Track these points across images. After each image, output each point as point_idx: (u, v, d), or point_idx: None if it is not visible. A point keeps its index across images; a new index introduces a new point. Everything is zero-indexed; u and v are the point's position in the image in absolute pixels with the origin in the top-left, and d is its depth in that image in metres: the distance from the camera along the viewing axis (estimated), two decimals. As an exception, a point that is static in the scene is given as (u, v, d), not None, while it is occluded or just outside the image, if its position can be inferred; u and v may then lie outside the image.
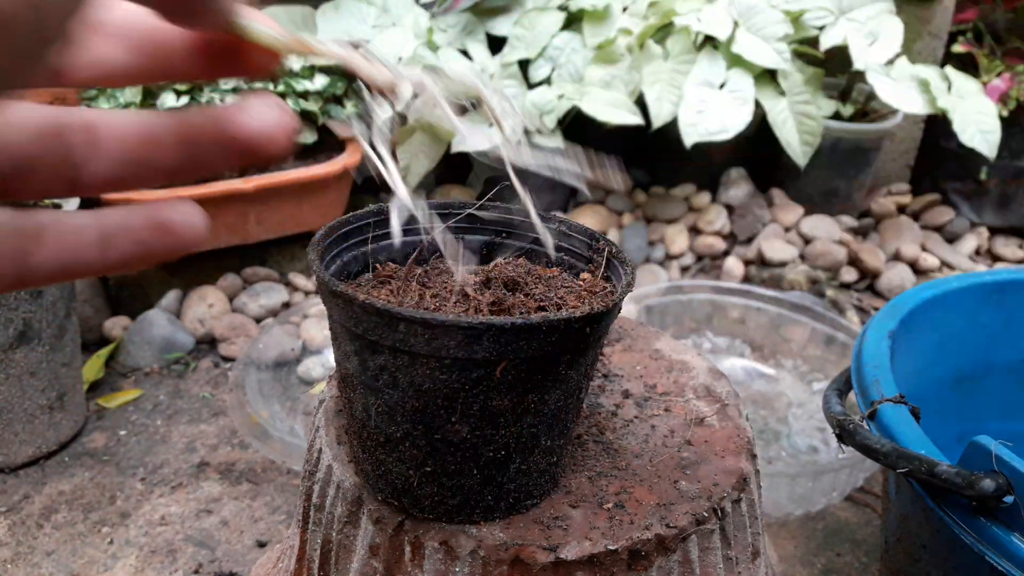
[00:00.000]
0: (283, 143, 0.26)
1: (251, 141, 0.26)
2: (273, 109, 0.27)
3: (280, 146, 0.26)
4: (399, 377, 0.43)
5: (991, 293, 0.91)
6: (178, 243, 0.26)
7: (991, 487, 0.55)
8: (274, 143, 0.26)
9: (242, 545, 1.09)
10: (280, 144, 0.26)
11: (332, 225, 0.49)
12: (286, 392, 1.37)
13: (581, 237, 0.53)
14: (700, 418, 0.59)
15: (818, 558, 1.09)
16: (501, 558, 0.46)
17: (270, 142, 0.26)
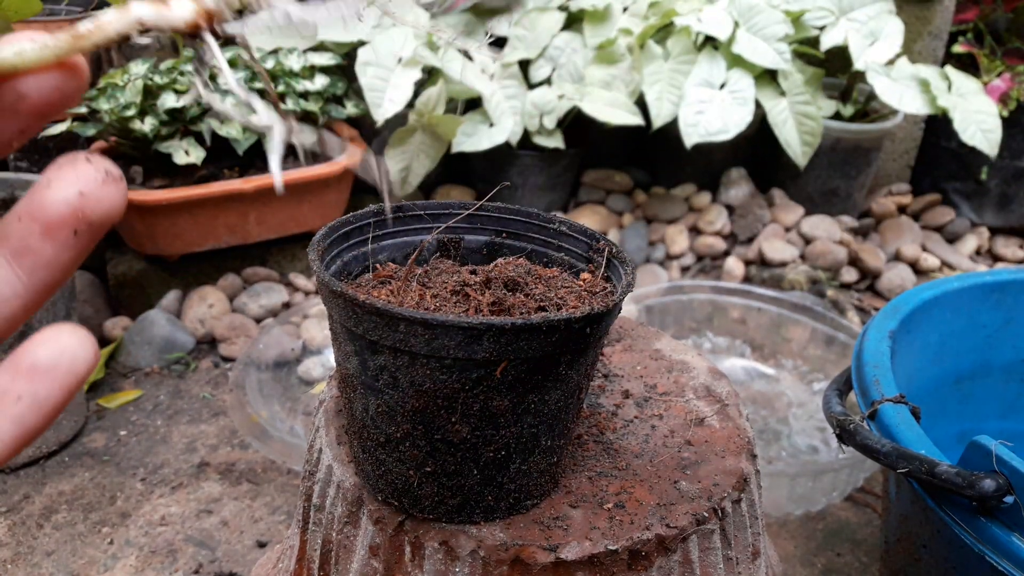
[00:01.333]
0: (107, 203, 0.24)
1: (67, 216, 0.24)
2: (79, 171, 0.24)
3: (105, 207, 0.24)
4: (399, 377, 0.43)
5: (991, 293, 0.91)
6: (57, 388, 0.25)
7: (991, 487, 0.55)
8: (95, 207, 0.24)
9: (242, 545, 1.09)
10: (104, 205, 0.24)
11: (332, 225, 0.49)
12: (286, 392, 1.37)
13: (581, 237, 0.53)
14: (700, 418, 0.59)
15: (818, 558, 1.09)
16: (501, 558, 0.46)
17: (91, 208, 0.24)
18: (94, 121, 1.57)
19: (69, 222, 0.24)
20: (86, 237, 0.25)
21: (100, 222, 0.25)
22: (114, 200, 0.25)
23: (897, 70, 1.73)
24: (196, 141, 1.55)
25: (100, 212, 0.24)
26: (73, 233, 0.24)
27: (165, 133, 1.53)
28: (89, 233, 0.25)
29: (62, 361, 0.24)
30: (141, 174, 1.59)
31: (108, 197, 0.25)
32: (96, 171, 0.24)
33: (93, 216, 0.24)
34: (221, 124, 1.56)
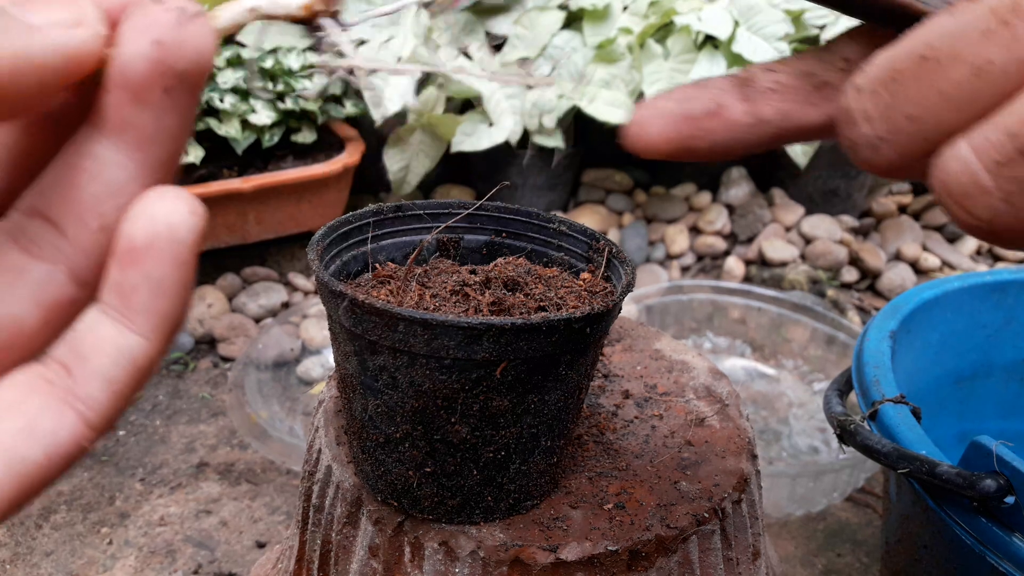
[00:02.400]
0: (191, 48, 0.21)
1: (149, 74, 0.21)
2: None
3: (189, 53, 0.21)
4: (399, 377, 0.42)
5: (992, 293, 0.91)
6: None
7: (992, 487, 0.55)
8: (177, 55, 0.21)
9: (241, 546, 1.09)
10: (187, 51, 0.21)
11: (332, 225, 0.49)
12: (285, 392, 1.37)
13: (581, 237, 0.53)
14: (701, 418, 0.59)
15: (819, 559, 1.09)
16: (501, 559, 0.46)
17: (173, 58, 0.21)
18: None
19: (154, 80, 0.21)
20: (182, 93, 0.22)
21: (189, 71, 0.21)
22: (198, 42, 0.21)
23: (897, 70, 1.73)
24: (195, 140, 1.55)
25: (185, 59, 0.21)
26: (164, 91, 0.21)
27: (164, 133, 1.52)
28: (183, 87, 0.21)
29: (159, 232, 0.22)
30: (140, 174, 1.59)
31: (190, 40, 0.21)
32: (167, 12, 0.21)
33: (179, 66, 0.21)
34: (220, 123, 1.55)
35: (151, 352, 0.22)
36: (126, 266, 0.22)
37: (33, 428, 0.22)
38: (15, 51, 0.20)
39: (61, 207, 0.22)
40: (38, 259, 0.23)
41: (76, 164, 0.22)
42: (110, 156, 0.22)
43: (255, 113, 1.57)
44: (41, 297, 0.23)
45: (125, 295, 0.22)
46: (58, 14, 0.21)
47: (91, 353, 0.22)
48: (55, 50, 0.20)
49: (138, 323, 0.22)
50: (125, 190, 0.22)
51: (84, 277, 0.23)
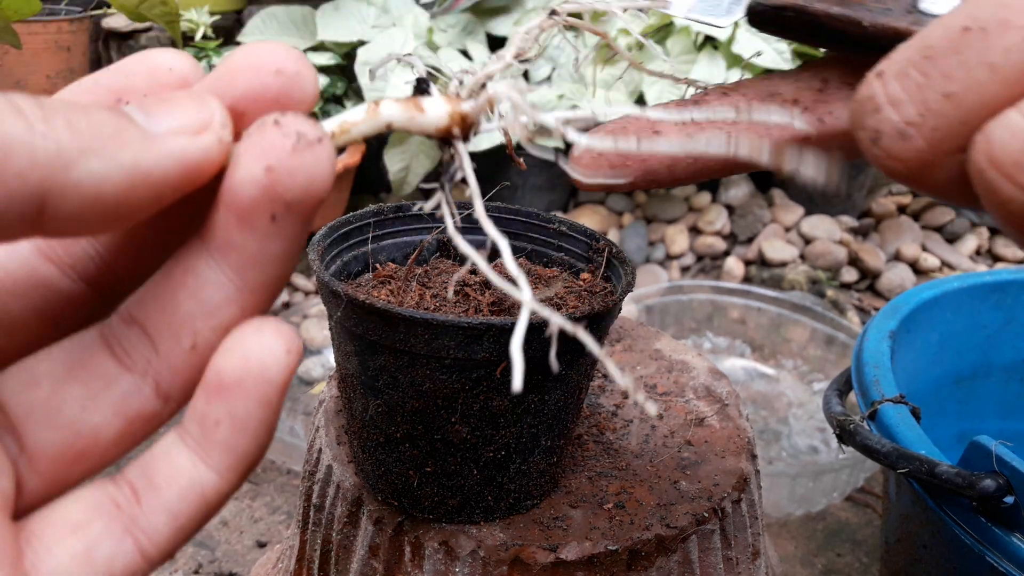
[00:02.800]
0: (302, 177, 0.20)
1: (258, 199, 0.20)
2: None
3: (300, 181, 0.20)
4: (399, 377, 0.42)
5: (991, 293, 0.91)
6: None
7: (991, 487, 0.55)
8: (288, 183, 0.20)
9: (242, 545, 1.09)
10: (298, 180, 0.20)
11: (332, 225, 0.49)
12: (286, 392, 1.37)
13: (581, 237, 0.53)
14: (700, 418, 0.59)
15: (818, 558, 1.09)
16: (501, 558, 0.46)
17: (283, 185, 0.20)
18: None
19: (262, 206, 0.20)
20: (289, 220, 0.21)
21: (299, 200, 0.20)
22: (312, 171, 0.20)
23: (897, 70, 1.73)
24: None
25: (296, 189, 0.20)
26: (271, 219, 0.20)
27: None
28: (292, 215, 0.20)
29: (249, 370, 0.21)
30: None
31: (303, 168, 0.20)
32: (284, 136, 0.20)
33: (289, 195, 0.20)
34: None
35: (222, 489, 0.22)
36: (212, 399, 0.21)
37: (91, 555, 0.21)
38: (132, 165, 0.19)
39: (157, 320, 0.22)
40: (128, 369, 0.22)
41: (177, 278, 0.22)
42: (211, 275, 0.21)
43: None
44: (124, 409, 0.22)
45: (207, 428, 0.21)
46: (183, 118, 0.20)
47: (163, 483, 0.22)
48: (174, 162, 0.19)
49: (214, 458, 0.22)
50: (222, 311, 0.22)
51: (169, 392, 0.23)
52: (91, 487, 0.22)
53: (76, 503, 0.22)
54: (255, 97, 0.21)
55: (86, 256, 0.23)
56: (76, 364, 0.22)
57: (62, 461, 0.22)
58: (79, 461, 0.22)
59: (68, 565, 0.21)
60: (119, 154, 0.19)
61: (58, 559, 0.21)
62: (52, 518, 0.22)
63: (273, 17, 1.80)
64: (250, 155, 0.20)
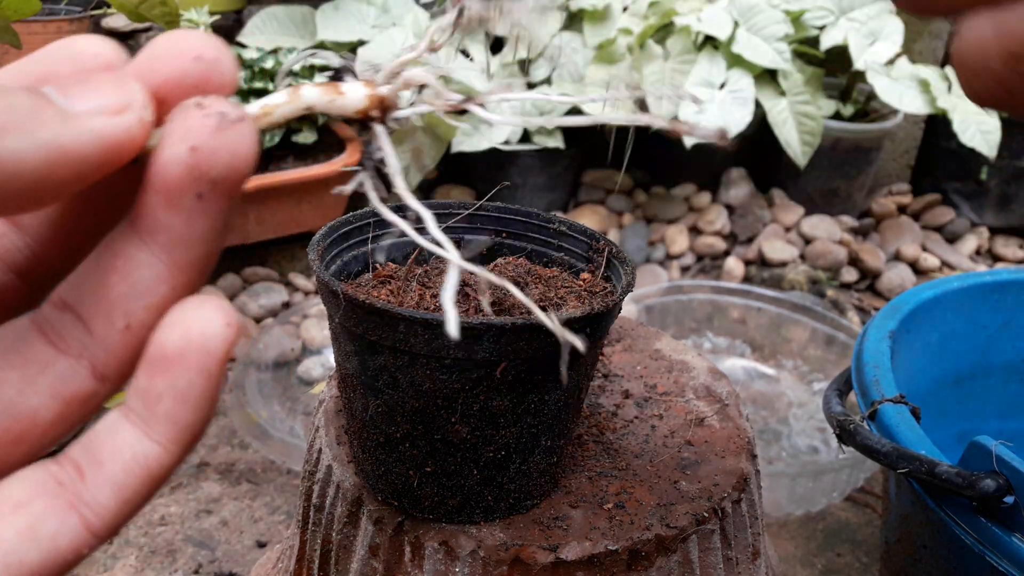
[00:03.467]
0: (226, 155, 0.21)
1: (183, 179, 0.20)
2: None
3: (224, 159, 0.21)
4: (399, 377, 0.42)
5: (991, 293, 0.91)
6: None
7: (991, 487, 0.55)
8: (212, 161, 0.21)
9: (242, 545, 1.09)
10: (222, 158, 0.21)
11: (332, 225, 0.49)
12: (286, 392, 1.37)
13: (581, 237, 0.53)
14: (700, 418, 0.59)
15: (818, 558, 1.09)
16: (501, 558, 0.46)
17: (208, 164, 0.20)
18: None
19: (188, 185, 0.21)
20: (215, 198, 0.21)
21: (224, 178, 0.21)
22: (235, 148, 0.21)
23: (897, 70, 1.73)
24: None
25: (220, 166, 0.21)
26: (197, 197, 0.21)
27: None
28: (217, 193, 0.21)
29: (191, 342, 0.21)
30: (141, 174, 1.59)
31: (227, 147, 0.21)
32: (207, 117, 0.21)
33: (213, 173, 0.21)
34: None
35: (167, 462, 0.22)
36: (154, 373, 0.22)
37: (35, 531, 0.21)
38: (49, 143, 0.19)
39: (90, 303, 0.22)
40: (63, 353, 0.23)
41: (108, 262, 0.22)
42: (141, 256, 0.22)
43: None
44: (60, 391, 0.23)
45: (149, 402, 0.22)
46: (103, 98, 0.20)
47: (107, 458, 0.22)
48: (92, 140, 0.20)
49: (158, 431, 0.22)
50: (153, 291, 0.22)
51: (105, 373, 0.23)
52: (32, 468, 0.23)
53: (17, 484, 0.22)
54: (176, 83, 0.22)
55: (15, 248, 0.24)
56: (9, 350, 0.23)
57: (1, 445, 0.22)
58: (18, 444, 0.23)
59: (13, 541, 0.21)
60: (37, 132, 0.19)
61: (2, 536, 0.21)
62: None
63: (273, 17, 1.80)
64: (175, 136, 0.21)
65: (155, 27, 1.82)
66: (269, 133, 1.59)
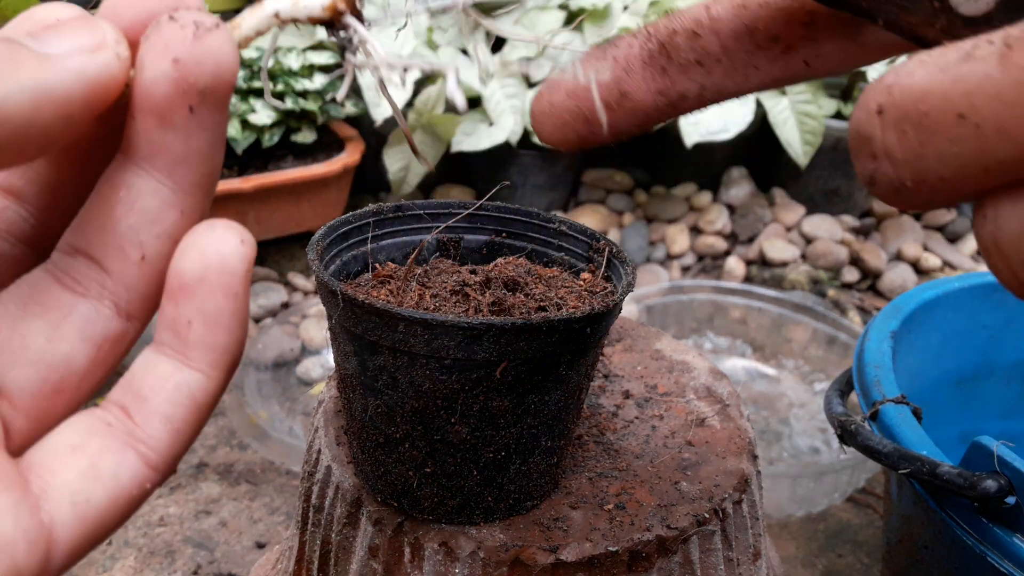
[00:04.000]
0: (210, 62, 0.20)
1: (171, 94, 0.20)
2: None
3: (209, 68, 0.20)
4: (399, 378, 0.42)
5: (993, 293, 0.91)
6: None
7: (993, 488, 0.55)
8: (197, 72, 0.20)
9: (241, 546, 1.08)
10: (207, 67, 0.20)
11: (332, 225, 0.49)
12: (285, 393, 1.37)
13: (581, 237, 0.52)
14: (701, 419, 0.59)
15: (819, 559, 1.09)
16: (501, 559, 0.45)
17: (193, 75, 0.20)
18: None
19: (178, 99, 0.20)
20: (207, 110, 0.21)
21: (212, 86, 0.20)
22: (217, 55, 0.20)
23: (898, 70, 1.73)
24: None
25: (206, 75, 0.20)
26: (189, 111, 0.20)
27: (164, 133, 1.52)
28: (208, 104, 0.21)
29: (209, 265, 0.21)
30: (140, 174, 1.58)
31: (208, 54, 0.20)
32: (183, 28, 0.20)
33: (201, 83, 0.20)
34: (220, 123, 1.55)
35: (210, 387, 0.22)
36: (179, 302, 0.21)
37: (96, 469, 0.21)
38: (32, 85, 0.19)
39: (100, 242, 0.22)
40: (83, 296, 0.22)
41: (110, 196, 0.22)
42: (143, 184, 0.21)
43: (255, 113, 1.57)
44: (89, 334, 0.22)
45: (180, 331, 0.21)
46: (76, 40, 0.20)
47: (149, 393, 0.22)
48: (75, 79, 0.19)
49: (195, 358, 0.22)
50: (163, 216, 0.22)
51: (130, 310, 0.23)
52: (78, 416, 0.22)
53: (67, 430, 0.22)
54: (143, 24, 0.21)
55: (19, 219, 0.23)
56: (29, 300, 0.22)
57: (42, 396, 0.22)
58: (59, 393, 0.22)
59: (76, 482, 0.21)
60: (18, 75, 0.19)
61: (64, 478, 0.21)
62: (48, 446, 0.22)
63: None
64: (154, 53, 0.20)
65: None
66: (268, 133, 1.59)
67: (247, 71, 1.58)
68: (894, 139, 0.20)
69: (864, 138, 0.21)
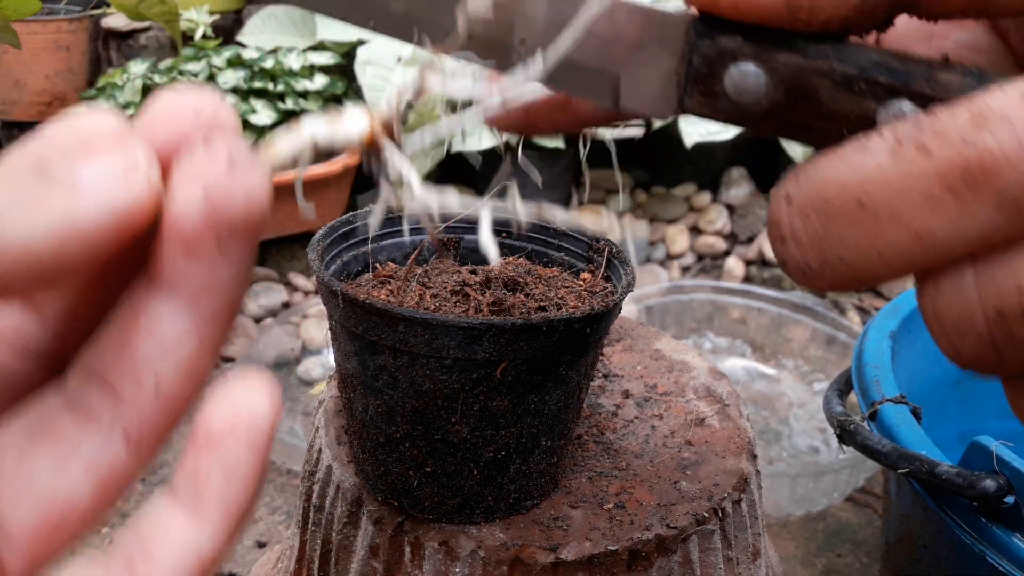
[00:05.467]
0: (242, 197, 0.20)
1: (199, 226, 0.20)
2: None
3: (240, 202, 0.20)
4: (399, 377, 0.42)
5: (992, 293, 0.91)
6: None
7: (992, 487, 0.55)
8: (227, 205, 0.20)
9: (242, 546, 1.09)
10: (238, 200, 0.20)
11: (332, 225, 0.49)
12: (286, 392, 1.37)
13: (581, 237, 0.53)
14: (701, 418, 0.59)
15: (819, 559, 1.09)
16: (501, 558, 0.46)
17: (223, 207, 0.20)
18: (94, 121, 1.57)
19: (206, 232, 0.20)
20: (235, 242, 0.20)
21: (242, 219, 0.20)
22: (248, 189, 0.20)
23: (897, 70, 1.73)
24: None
25: (237, 208, 0.20)
26: (217, 243, 0.20)
27: (165, 133, 1.52)
28: (236, 237, 0.20)
29: (239, 420, 0.21)
30: (141, 174, 1.59)
31: (240, 188, 0.20)
32: (216, 159, 0.20)
33: (231, 216, 0.20)
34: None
35: (218, 547, 0.22)
36: (202, 453, 0.21)
37: None
38: (59, 220, 0.18)
39: (117, 368, 0.21)
40: (94, 427, 0.22)
41: (131, 321, 0.21)
42: (164, 311, 0.21)
43: (255, 113, 1.57)
44: (96, 467, 0.22)
45: (198, 481, 0.21)
46: (108, 165, 0.19)
47: (157, 549, 0.21)
48: (104, 211, 0.19)
49: (208, 512, 0.21)
50: (181, 345, 0.21)
51: (139, 441, 0.22)
52: (82, 563, 0.22)
53: None
54: (178, 143, 0.21)
55: (34, 337, 0.23)
56: (39, 431, 0.22)
57: (41, 534, 0.22)
58: (59, 531, 0.22)
59: None
60: (45, 209, 0.18)
61: None
62: None
63: (272, 16, 1.80)
64: (185, 183, 0.20)
65: (155, 26, 1.82)
66: (269, 133, 1.59)
67: (247, 71, 1.58)
68: (799, 224, 0.21)
69: (774, 222, 0.22)
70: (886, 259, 0.20)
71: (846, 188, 0.20)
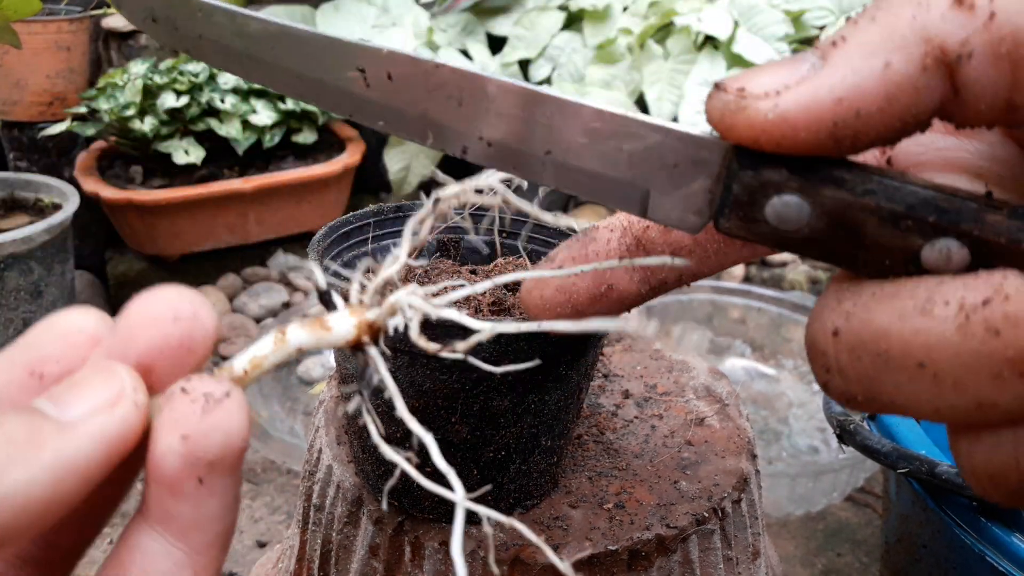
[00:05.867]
0: (219, 436, 0.21)
1: (180, 469, 0.20)
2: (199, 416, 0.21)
3: (217, 441, 0.21)
4: (399, 377, 0.42)
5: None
6: None
7: (992, 487, 0.55)
8: (205, 445, 0.20)
9: (242, 545, 1.09)
10: (215, 440, 0.21)
11: (332, 225, 0.49)
12: (286, 392, 1.37)
13: (581, 237, 0.53)
14: (700, 418, 0.59)
15: (819, 558, 1.09)
16: (501, 558, 0.46)
17: (201, 449, 0.20)
18: (94, 121, 1.57)
19: (186, 473, 0.21)
20: (217, 478, 0.21)
21: (220, 458, 0.21)
22: (225, 427, 0.21)
23: (897, 70, 1.73)
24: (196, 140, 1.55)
25: (214, 447, 0.21)
26: (198, 482, 0.21)
27: (165, 133, 1.53)
28: (217, 473, 0.21)
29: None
30: (141, 174, 1.59)
31: (217, 427, 0.21)
32: (192, 402, 0.21)
33: (209, 456, 0.21)
34: (220, 124, 1.55)
35: None
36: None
37: None
38: (53, 462, 0.19)
39: None
40: None
41: (126, 558, 0.22)
42: (156, 547, 0.22)
43: (256, 114, 1.57)
44: None
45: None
46: (95, 396, 0.20)
47: None
48: (96, 444, 0.20)
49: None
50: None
51: None
52: None
53: None
54: (160, 348, 0.22)
55: (30, 545, 0.24)
56: None
57: None
58: None
59: None
60: (40, 456, 0.19)
61: None
62: None
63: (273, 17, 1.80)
64: (165, 428, 0.21)
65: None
66: (269, 133, 1.59)
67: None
68: (847, 360, 0.22)
69: (820, 352, 0.23)
70: (940, 414, 0.21)
71: (908, 349, 0.21)
